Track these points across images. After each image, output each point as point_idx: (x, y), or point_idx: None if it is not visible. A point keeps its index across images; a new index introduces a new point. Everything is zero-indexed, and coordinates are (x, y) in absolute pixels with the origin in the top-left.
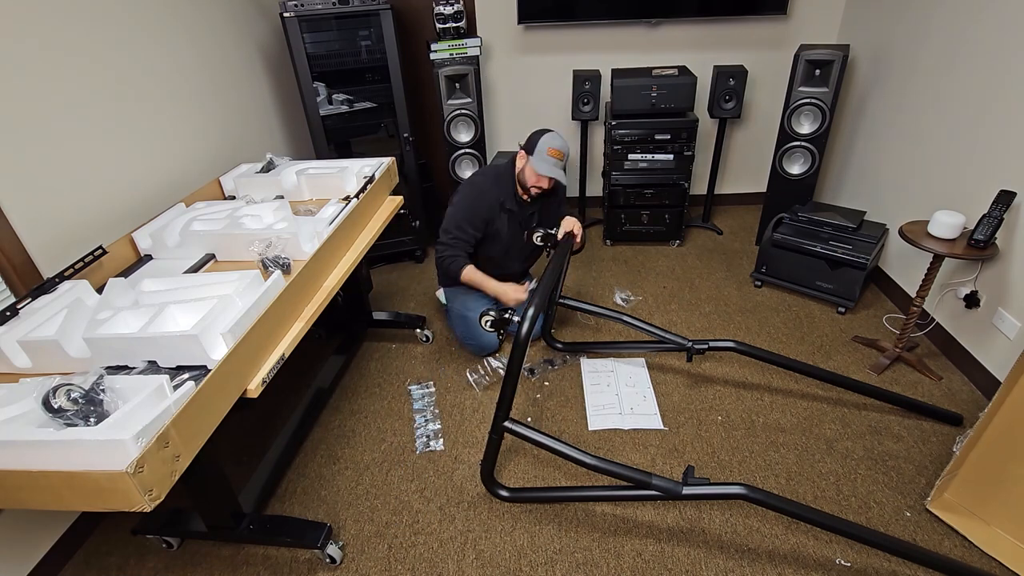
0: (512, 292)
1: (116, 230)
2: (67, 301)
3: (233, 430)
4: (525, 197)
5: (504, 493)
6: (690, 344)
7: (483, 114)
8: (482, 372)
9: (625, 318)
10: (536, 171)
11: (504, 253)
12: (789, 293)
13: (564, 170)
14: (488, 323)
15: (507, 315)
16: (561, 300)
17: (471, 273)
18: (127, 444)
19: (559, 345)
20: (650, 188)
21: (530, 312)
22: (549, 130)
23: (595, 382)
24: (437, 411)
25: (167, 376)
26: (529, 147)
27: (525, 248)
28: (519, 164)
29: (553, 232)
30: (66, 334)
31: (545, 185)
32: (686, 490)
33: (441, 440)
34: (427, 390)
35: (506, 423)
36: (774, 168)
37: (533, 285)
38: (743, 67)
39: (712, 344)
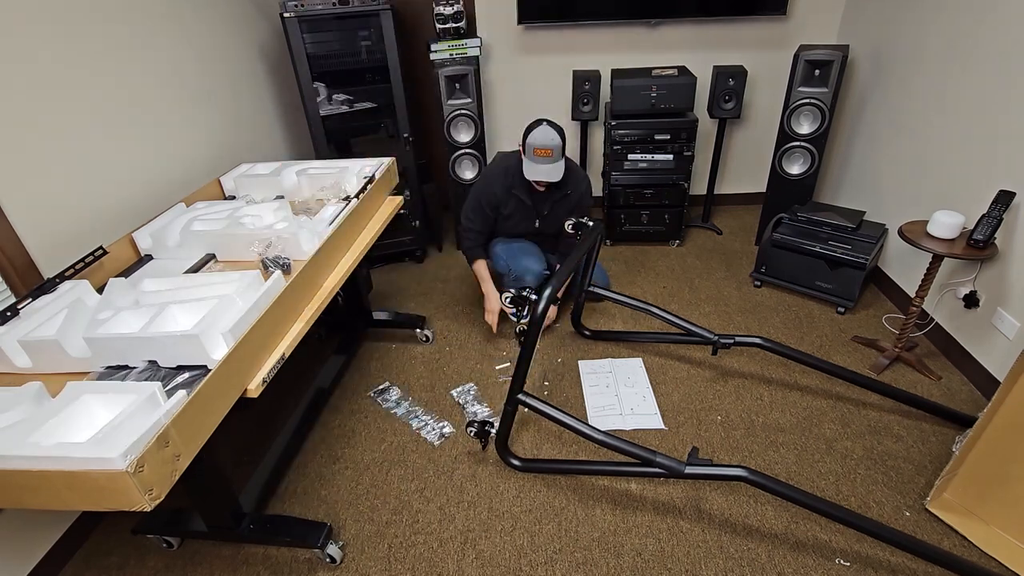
0: (491, 302)
1: (116, 230)
2: (67, 301)
3: (233, 430)
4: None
5: (516, 462)
6: (716, 338)
7: (483, 114)
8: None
9: (653, 309)
10: (525, 175)
11: (520, 235)
12: (789, 293)
13: (562, 159)
14: (507, 299)
15: (525, 293)
16: (590, 289)
17: (478, 268)
18: (114, 462)
19: (587, 332)
20: (650, 188)
21: (547, 292)
22: (540, 122)
23: (594, 383)
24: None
25: (159, 384)
26: (523, 144)
27: (542, 233)
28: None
29: (584, 221)
30: (66, 334)
31: (541, 188)
32: (688, 469)
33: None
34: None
35: (520, 395)
36: (774, 168)
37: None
38: (743, 67)
39: (738, 339)
